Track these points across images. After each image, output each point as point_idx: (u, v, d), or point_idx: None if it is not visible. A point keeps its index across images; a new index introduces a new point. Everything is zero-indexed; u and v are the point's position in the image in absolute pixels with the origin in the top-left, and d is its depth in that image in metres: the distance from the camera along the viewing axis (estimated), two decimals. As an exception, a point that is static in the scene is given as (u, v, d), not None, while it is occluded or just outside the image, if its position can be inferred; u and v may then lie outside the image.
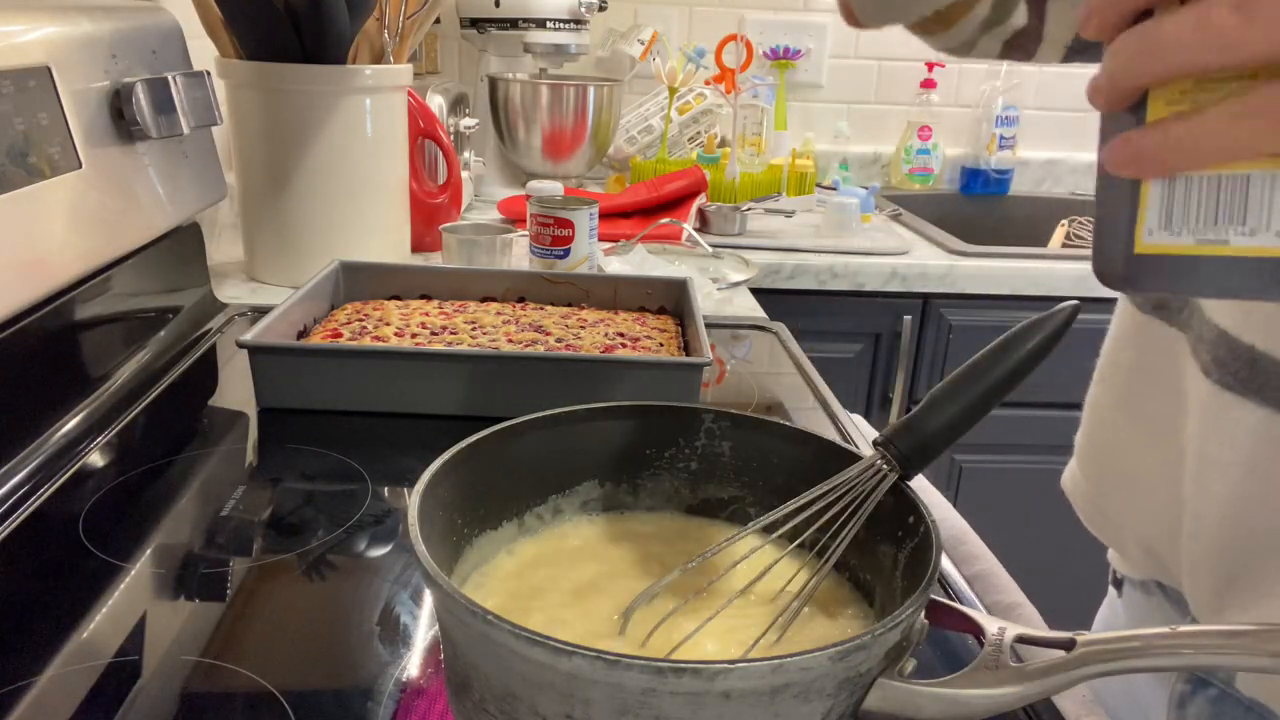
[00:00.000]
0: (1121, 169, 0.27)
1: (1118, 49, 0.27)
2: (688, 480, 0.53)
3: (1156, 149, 0.27)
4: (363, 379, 0.77)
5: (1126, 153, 0.27)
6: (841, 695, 0.36)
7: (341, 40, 1.03)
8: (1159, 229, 0.28)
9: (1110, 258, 0.29)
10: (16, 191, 0.67)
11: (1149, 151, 0.27)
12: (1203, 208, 0.28)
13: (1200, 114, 0.25)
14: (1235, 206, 0.27)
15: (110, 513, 0.62)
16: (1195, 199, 0.28)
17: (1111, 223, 0.29)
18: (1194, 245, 0.28)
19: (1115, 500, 0.58)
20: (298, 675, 0.47)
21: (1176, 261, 0.28)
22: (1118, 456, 0.57)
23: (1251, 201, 0.27)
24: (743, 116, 1.86)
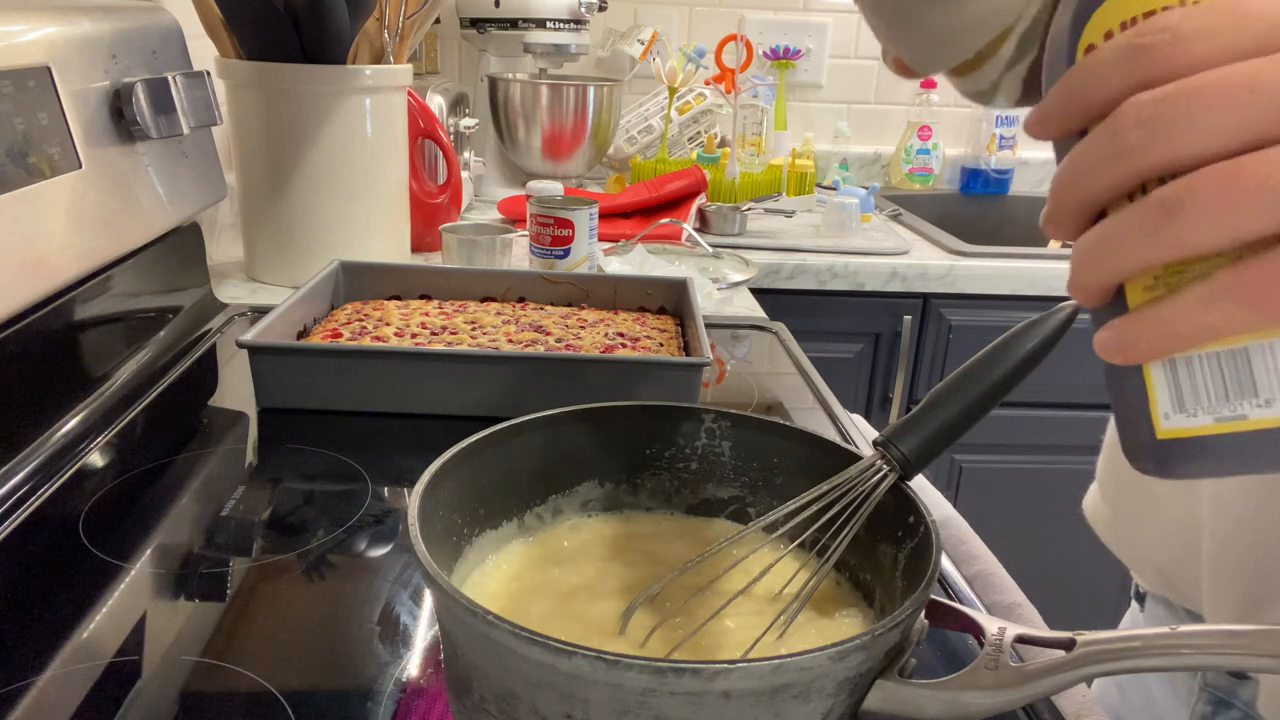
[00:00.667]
0: (1114, 358, 0.28)
1: (1079, 255, 0.27)
2: (688, 480, 0.53)
3: (1141, 336, 0.27)
4: (363, 379, 0.77)
5: (1115, 342, 0.27)
6: (841, 695, 0.36)
7: (341, 40, 1.03)
8: (1175, 412, 0.28)
9: (1136, 444, 0.29)
10: (16, 191, 0.67)
11: (1135, 339, 0.27)
12: (1211, 386, 0.27)
13: (1174, 299, 0.26)
14: (1243, 380, 0.27)
15: (110, 513, 0.62)
16: (1200, 378, 0.27)
17: (1127, 409, 0.29)
18: (1214, 425, 0.27)
19: (1132, 525, 0.58)
20: (298, 675, 0.47)
21: (1202, 443, 0.27)
22: (1135, 481, 0.57)
23: (1258, 373, 0.26)
24: (743, 116, 1.86)
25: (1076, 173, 0.27)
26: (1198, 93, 0.24)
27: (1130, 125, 0.25)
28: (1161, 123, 0.25)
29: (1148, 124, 0.25)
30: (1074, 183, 0.27)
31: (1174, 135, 0.25)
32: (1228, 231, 0.24)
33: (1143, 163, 0.25)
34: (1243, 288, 0.24)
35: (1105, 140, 0.26)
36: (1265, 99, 0.24)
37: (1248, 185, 0.24)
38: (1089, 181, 0.27)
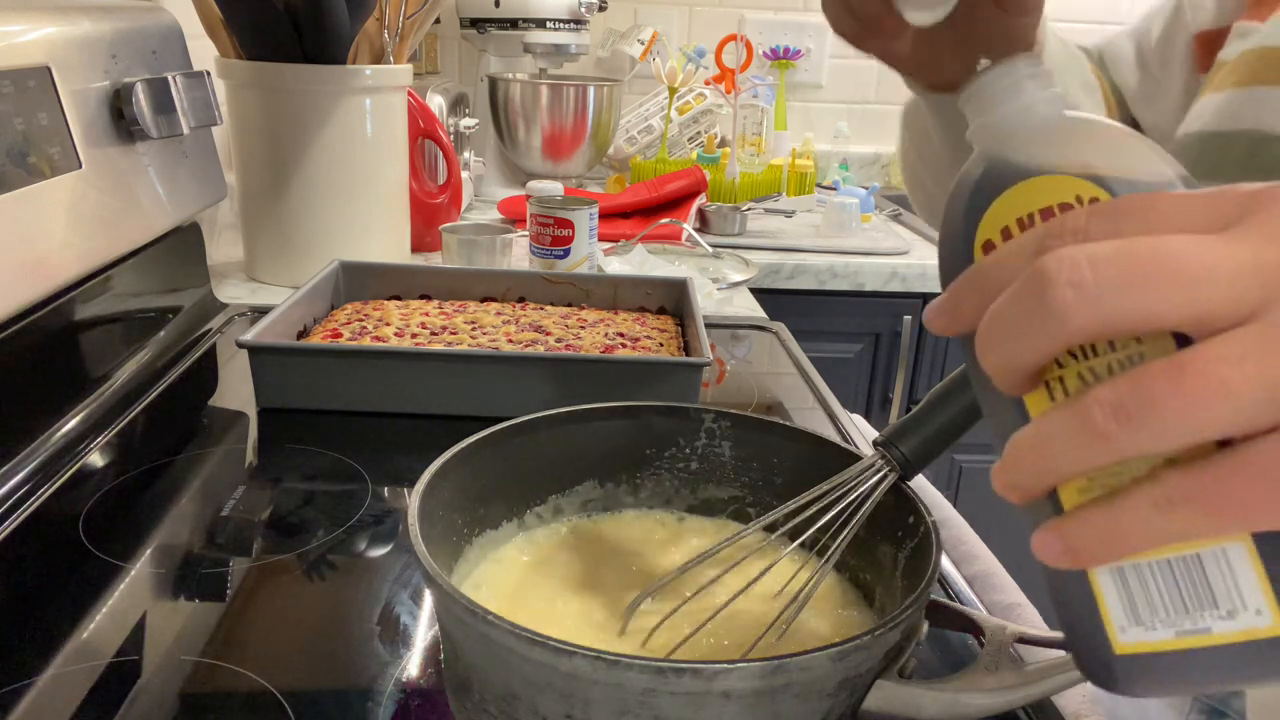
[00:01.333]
0: (1058, 561, 0.25)
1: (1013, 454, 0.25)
2: (688, 480, 0.53)
3: (1088, 539, 0.24)
4: (363, 379, 0.77)
5: (1057, 545, 0.25)
6: (841, 695, 0.36)
7: (341, 40, 1.03)
8: (1130, 625, 0.25)
9: (1093, 660, 0.26)
10: (16, 191, 0.67)
11: (1080, 542, 0.24)
12: (1165, 596, 0.25)
13: (1121, 502, 0.24)
14: (1199, 590, 0.24)
15: (110, 513, 0.62)
16: (1152, 587, 0.25)
17: (1077, 619, 0.26)
18: (1175, 639, 0.25)
19: None
20: (298, 675, 0.47)
21: (1164, 659, 0.25)
22: None
23: (1214, 582, 0.24)
24: (743, 116, 1.86)
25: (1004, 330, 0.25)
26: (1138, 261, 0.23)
27: (1060, 285, 0.23)
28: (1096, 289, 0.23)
29: (1080, 287, 0.23)
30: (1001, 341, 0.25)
31: (1109, 304, 0.23)
32: (1182, 438, 0.22)
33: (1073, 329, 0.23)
34: (1202, 493, 0.22)
35: (1031, 298, 0.23)
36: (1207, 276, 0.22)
37: (1204, 388, 0.22)
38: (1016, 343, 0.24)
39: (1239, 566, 0.24)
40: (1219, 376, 0.22)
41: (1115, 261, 0.23)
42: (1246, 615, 0.24)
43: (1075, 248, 0.23)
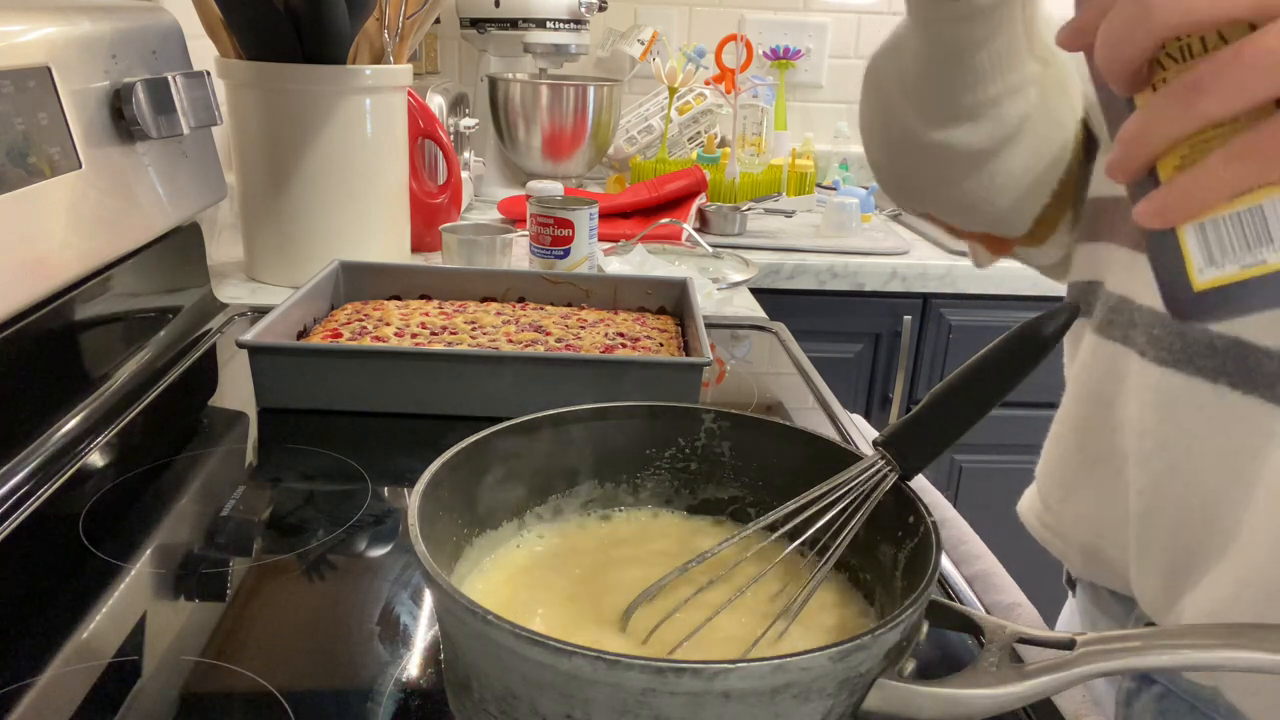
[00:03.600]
0: (1151, 223, 0.32)
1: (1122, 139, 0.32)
2: (688, 480, 0.53)
3: (1173, 201, 0.31)
4: (363, 379, 0.77)
5: (1151, 210, 0.32)
6: (841, 695, 0.36)
7: (341, 40, 1.03)
8: (1206, 266, 0.32)
9: (1178, 299, 0.33)
10: (16, 191, 0.67)
11: (1168, 204, 0.31)
12: (1234, 240, 0.31)
13: (1198, 166, 0.30)
14: (1260, 231, 0.31)
15: (110, 513, 0.62)
16: (1225, 234, 0.32)
17: (1166, 271, 0.33)
18: (1240, 272, 0.32)
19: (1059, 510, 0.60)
20: (298, 675, 0.47)
21: (1232, 290, 0.32)
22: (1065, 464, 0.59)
23: (1271, 224, 0.31)
24: (743, 116, 1.85)
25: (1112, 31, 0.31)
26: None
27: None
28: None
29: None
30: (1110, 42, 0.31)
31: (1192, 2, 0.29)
32: (1241, 99, 0.29)
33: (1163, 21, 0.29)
34: (1256, 146, 0.29)
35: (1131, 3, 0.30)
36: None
37: (1257, 58, 0.28)
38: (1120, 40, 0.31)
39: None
40: (1268, 47, 0.28)
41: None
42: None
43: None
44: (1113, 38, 0.31)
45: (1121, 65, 0.31)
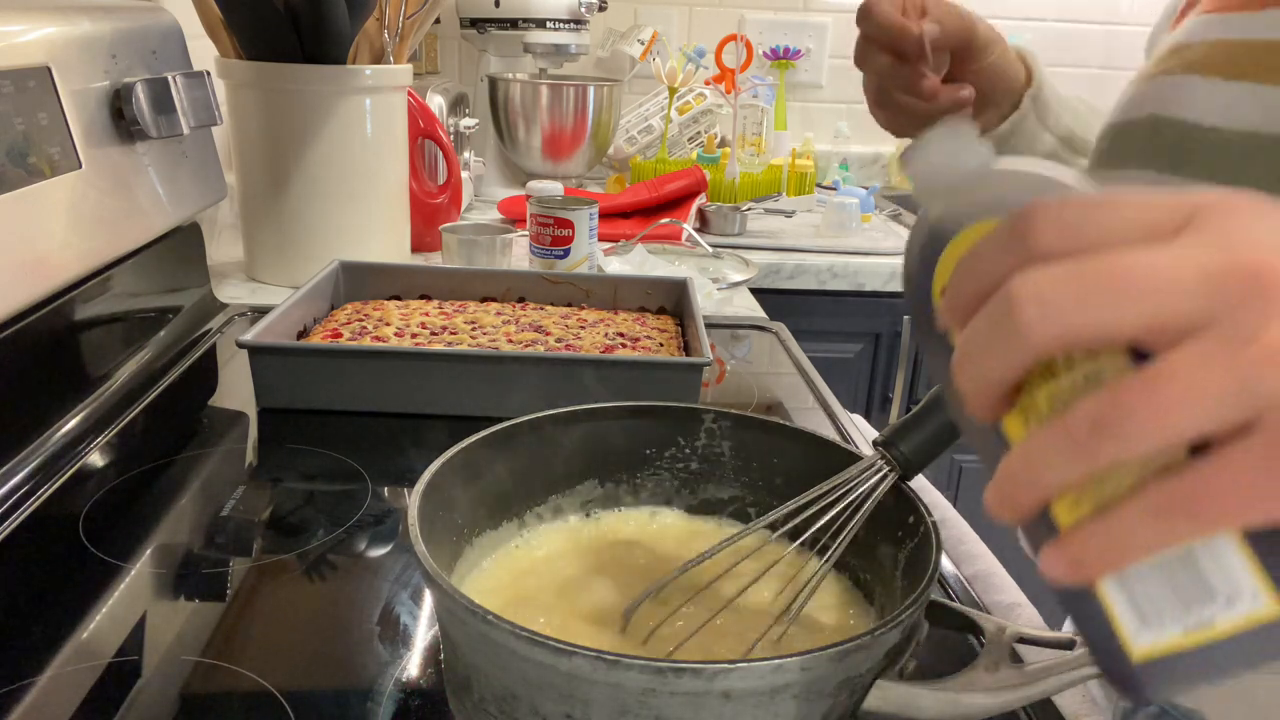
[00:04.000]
0: (1067, 578, 0.26)
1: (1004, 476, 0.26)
2: (688, 480, 0.53)
3: (1085, 555, 0.26)
4: (363, 379, 0.77)
5: (1060, 564, 0.26)
6: (841, 695, 0.36)
7: (341, 40, 1.03)
8: (1141, 629, 0.26)
9: (1117, 672, 0.27)
10: (16, 191, 0.67)
11: (1080, 559, 0.26)
12: (1167, 595, 0.26)
13: (1116, 513, 0.25)
14: (1197, 584, 0.26)
15: (110, 513, 0.62)
16: (1154, 588, 0.26)
17: (1095, 634, 0.27)
18: (1183, 636, 0.26)
19: None
20: (298, 675, 0.47)
21: (1178, 660, 0.26)
22: None
23: (1209, 575, 0.25)
24: (743, 116, 1.85)
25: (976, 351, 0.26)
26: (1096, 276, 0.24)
27: (1024, 303, 0.24)
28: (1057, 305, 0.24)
29: (1041, 303, 0.24)
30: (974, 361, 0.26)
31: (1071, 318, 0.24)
32: (1154, 441, 0.24)
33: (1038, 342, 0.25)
34: (1184, 501, 0.24)
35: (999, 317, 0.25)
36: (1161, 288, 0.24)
37: (1173, 395, 0.23)
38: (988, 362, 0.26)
39: (1229, 557, 0.25)
40: (1186, 382, 0.23)
41: (1075, 278, 0.24)
42: (1244, 602, 0.25)
43: (1039, 268, 0.25)
44: (975, 356, 0.26)
45: (986, 389, 0.26)
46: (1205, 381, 0.23)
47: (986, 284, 0.26)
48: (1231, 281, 0.23)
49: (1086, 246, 0.25)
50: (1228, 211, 0.25)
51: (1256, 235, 0.24)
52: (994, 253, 0.26)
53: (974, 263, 0.27)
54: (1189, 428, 0.23)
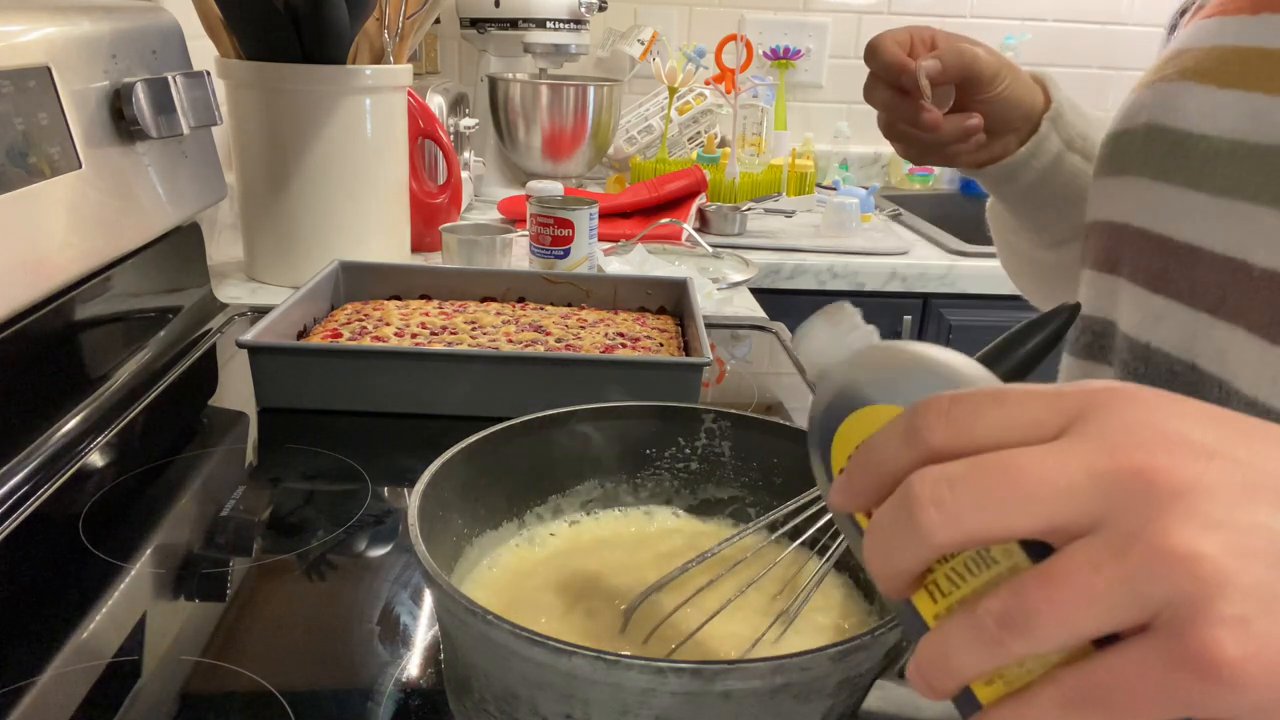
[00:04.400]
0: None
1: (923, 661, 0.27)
2: (688, 480, 0.53)
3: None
4: (363, 379, 0.77)
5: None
6: (841, 695, 0.36)
7: (341, 40, 1.03)
8: None
9: None
10: (16, 191, 0.67)
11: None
12: None
13: (1029, 700, 0.25)
14: None
15: (110, 513, 0.62)
16: None
17: None
18: None
19: None
20: (298, 675, 0.47)
21: None
22: None
23: None
24: (743, 116, 1.85)
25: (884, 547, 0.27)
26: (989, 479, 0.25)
27: (924, 505, 0.25)
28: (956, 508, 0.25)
29: (941, 506, 0.25)
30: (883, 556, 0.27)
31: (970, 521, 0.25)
32: (1060, 638, 0.24)
33: (940, 543, 0.26)
34: (1095, 693, 0.24)
35: (903, 518, 0.26)
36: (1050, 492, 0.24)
37: (1070, 595, 0.24)
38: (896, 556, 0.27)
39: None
40: (1082, 584, 0.24)
41: (970, 480, 0.25)
42: None
43: (938, 468, 0.26)
44: (882, 548, 0.27)
45: (895, 576, 0.28)
46: (1096, 584, 0.24)
47: (884, 477, 0.28)
48: (1116, 482, 0.24)
49: (978, 443, 0.26)
50: (1113, 405, 0.26)
51: (1140, 432, 0.25)
52: (890, 447, 0.28)
53: (870, 454, 0.28)
54: (1088, 628, 0.24)
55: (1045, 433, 0.26)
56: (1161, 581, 0.23)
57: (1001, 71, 0.64)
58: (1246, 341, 0.47)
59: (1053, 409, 0.26)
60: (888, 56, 0.62)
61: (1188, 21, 0.60)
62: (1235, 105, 0.50)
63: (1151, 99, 0.56)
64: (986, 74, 0.64)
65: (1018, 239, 0.78)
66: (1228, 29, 0.53)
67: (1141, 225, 0.54)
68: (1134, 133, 0.56)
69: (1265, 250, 0.46)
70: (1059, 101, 0.68)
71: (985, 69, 0.63)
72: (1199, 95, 0.52)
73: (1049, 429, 0.26)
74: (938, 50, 0.63)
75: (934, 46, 0.64)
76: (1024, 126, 0.68)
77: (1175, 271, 0.51)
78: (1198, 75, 0.53)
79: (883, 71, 0.63)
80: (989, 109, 0.65)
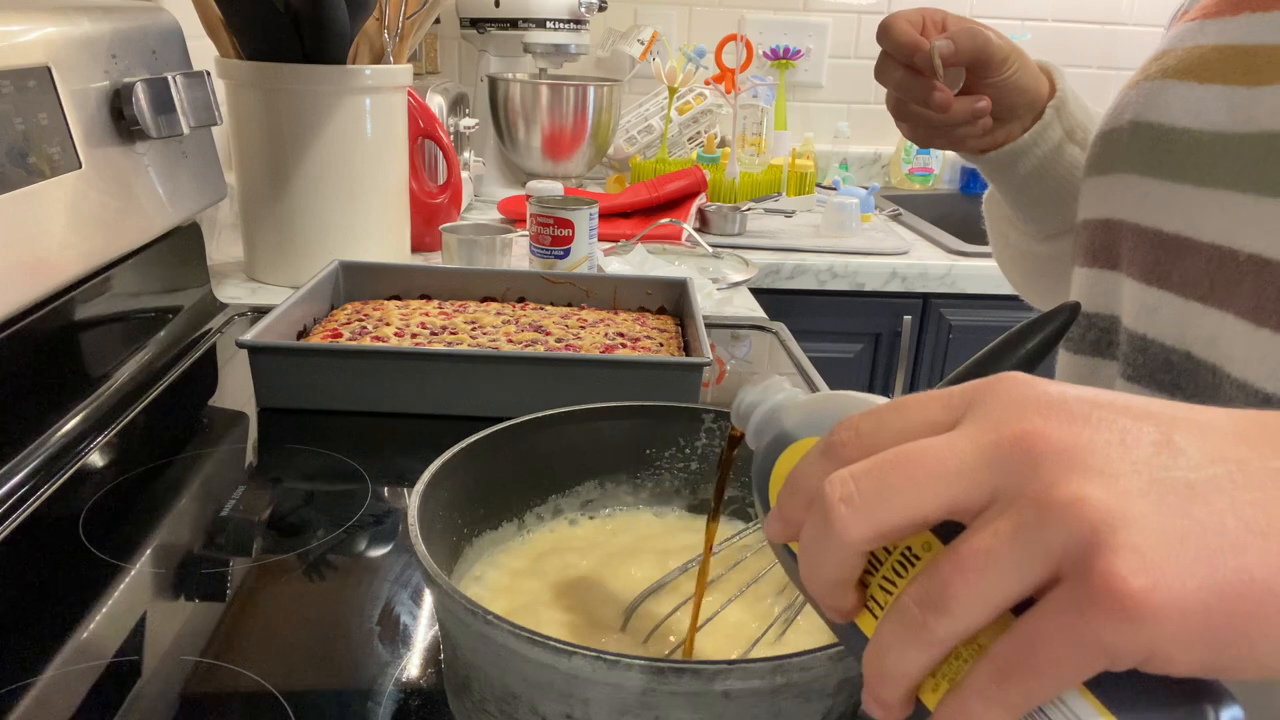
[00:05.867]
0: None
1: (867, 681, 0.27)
2: (688, 480, 0.53)
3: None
4: (363, 379, 0.77)
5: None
6: (841, 695, 0.36)
7: (341, 40, 1.03)
8: None
9: None
10: (16, 191, 0.67)
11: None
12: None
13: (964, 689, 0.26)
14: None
15: (110, 513, 0.62)
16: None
17: None
18: None
19: None
20: (298, 675, 0.47)
21: None
22: None
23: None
24: (743, 116, 1.85)
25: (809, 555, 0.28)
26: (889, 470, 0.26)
27: (835, 503, 0.26)
28: (863, 500, 0.26)
29: (850, 501, 0.26)
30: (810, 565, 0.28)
31: (879, 511, 0.26)
32: (983, 612, 0.25)
33: (856, 538, 0.26)
34: (1023, 660, 0.24)
35: (819, 521, 0.27)
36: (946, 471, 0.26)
37: (978, 566, 0.24)
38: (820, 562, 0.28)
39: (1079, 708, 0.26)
40: (988, 553, 0.24)
41: (872, 473, 0.26)
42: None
43: (843, 470, 0.27)
44: (811, 564, 0.28)
45: (830, 592, 0.28)
46: (999, 549, 0.24)
47: (804, 497, 0.29)
48: (1002, 452, 0.25)
49: (884, 448, 0.27)
50: (997, 389, 0.27)
51: (1020, 404, 0.26)
52: (810, 469, 0.29)
53: (793, 480, 0.29)
54: (1002, 594, 0.25)
55: (940, 430, 0.27)
56: (1054, 531, 0.24)
57: (1011, 56, 0.65)
58: (1236, 326, 0.48)
59: (946, 407, 0.27)
60: (901, 35, 0.63)
61: (1171, 26, 0.60)
62: (1215, 99, 0.51)
63: (1135, 98, 0.57)
64: (997, 57, 0.64)
65: (1012, 230, 0.78)
66: (1208, 30, 0.54)
67: (1134, 220, 0.55)
68: (1120, 131, 0.57)
69: (1248, 236, 0.47)
70: (1064, 90, 0.68)
71: (996, 52, 0.64)
72: (1181, 91, 0.53)
73: (944, 425, 0.27)
74: (950, 31, 0.63)
75: (945, 28, 0.64)
76: (1028, 114, 0.68)
77: (1167, 263, 0.52)
78: (1179, 73, 0.54)
79: (896, 50, 0.64)
80: (997, 93, 0.65)
